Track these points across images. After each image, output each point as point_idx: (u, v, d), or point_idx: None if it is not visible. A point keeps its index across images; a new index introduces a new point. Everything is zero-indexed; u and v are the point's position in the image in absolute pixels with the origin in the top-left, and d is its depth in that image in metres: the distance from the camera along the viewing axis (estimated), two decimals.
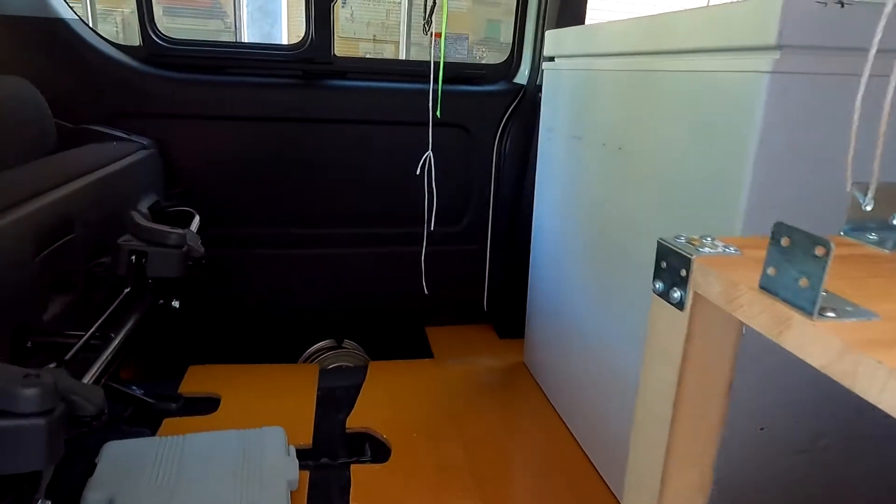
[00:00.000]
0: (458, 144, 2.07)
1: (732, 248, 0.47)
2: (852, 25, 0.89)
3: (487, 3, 8.19)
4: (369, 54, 8.73)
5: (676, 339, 0.47)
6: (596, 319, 1.47)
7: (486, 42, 7.12)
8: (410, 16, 7.24)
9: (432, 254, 2.12)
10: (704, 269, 0.44)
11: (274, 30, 6.89)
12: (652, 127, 1.18)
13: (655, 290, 0.51)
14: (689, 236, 0.49)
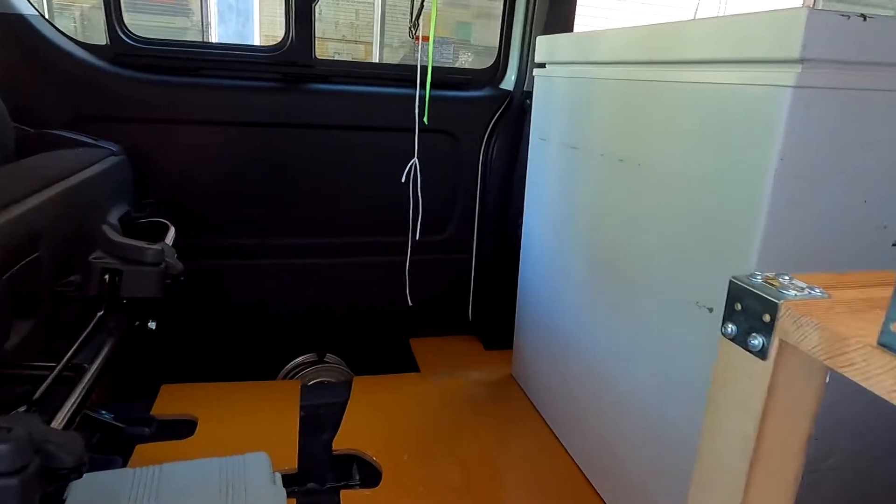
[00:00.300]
0: (444, 151, 2.02)
1: (818, 290, 0.43)
2: (875, 39, 0.87)
3: (457, 4, 8.14)
4: (338, 55, 8.59)
5: (756, 390, 0.42)
6: (594, 333, 1.43)
7: (458, 44, 7.07)
8: (384, 16, 7.14)
9: (416, 263, 2.05)
10: (796, 316, 0.40)
11: (246, 29, 6.67)
12: (658, 139, 1.15)
13: (727, 334, 0.46)
14: (764, 274, 0.45)
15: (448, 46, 2.54)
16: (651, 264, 1.19)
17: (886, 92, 0.90)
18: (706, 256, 1.03)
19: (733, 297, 0.45)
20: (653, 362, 1.20)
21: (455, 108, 2.00)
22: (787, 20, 0.85)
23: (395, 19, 8.85)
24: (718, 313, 1.01)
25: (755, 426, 0.42)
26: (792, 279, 0.45)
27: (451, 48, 3.37)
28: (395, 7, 8.29)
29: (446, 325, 2.23)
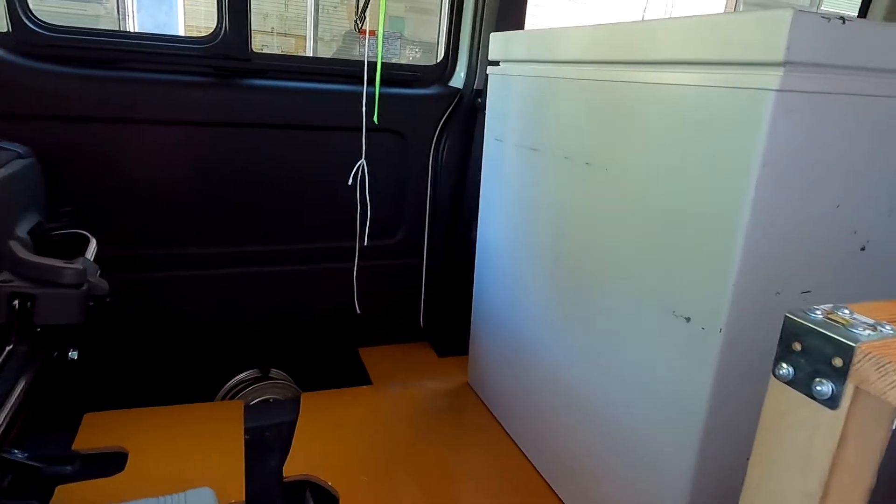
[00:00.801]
0: (392, 151, 1.92)
1: (889, 327, 0.38)
2: (852, 43, 0.85)
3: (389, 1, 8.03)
4: (267, 48, 8.25)
5: (823, 442, 0.37)
6: (557, 340, 1.39)
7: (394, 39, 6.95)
8: (318, 9, 6.91)
9: (365, 269, 1.95)
10: (880, 361, 0.34)
11: (170, 18, 6.23)
12: (628, 142, 1.11)
13: (782, 377, 0.41)
14: (824, 309, 0.40)
15: (395, 41, 2.45)
16: (623, 271, 1.15)
17: (860, 96, 0.90)
18: (683, 263, 1.00)
19: (790, 336, 0.40)
20: (624, 371, 1.16)
21: (403, 106, 1.90)
22: (772, 22, 0.82)
23: (328, 12, 8.59)
24: (697, 322, 0.98)
25: (820, 482, 0.37)
26: (853, 313, 0.40)
27: (397, 43, 3.28)
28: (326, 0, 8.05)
29: (397, 332, 2.14)
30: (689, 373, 1.00)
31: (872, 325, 0.38)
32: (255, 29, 7.13)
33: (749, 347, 0.97)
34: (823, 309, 0.40)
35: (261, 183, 1.80)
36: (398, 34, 2.16)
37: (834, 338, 0.37)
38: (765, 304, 0.96)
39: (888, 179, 0.97)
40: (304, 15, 7.89)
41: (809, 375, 0.39)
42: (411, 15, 8.18)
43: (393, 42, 1.81)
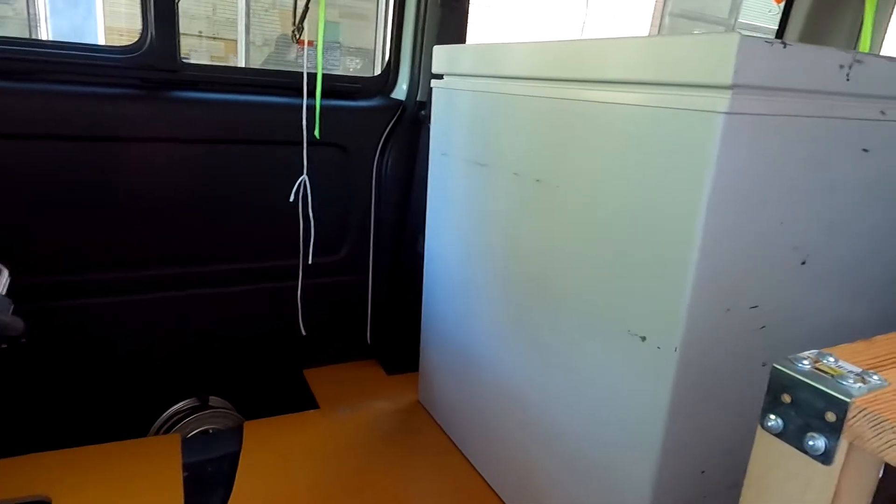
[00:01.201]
0: (334, 165, 1.86)
1: (876, 377, 0.38)
2: (791, 66, 0.88)
3: None
4: (195, 52, 7.92)
5: (815, 497, 0.36)
6: (508, 357, 1.37)
7: (329, 46, 6.80)
8: (249, 13, 6.67)
9: (308, 288, 1.88)
10: (876, 419, 0.33)
11: (87, 23, 5.82)
12: (579, 160, 1.10)
13: (770, 429, 0.39)
14: (810, 357, 0.39)
15: (334, 52, 2.37)
16: (576, 290, 1.14)
17: (799, 117, 0.92)
18: (637, 283, 1.00)
19: (778, 387, 0.39)
20: (579, 390, 1.16)
21: (345, 119, 1.85)
22: (720, 46, 0.83)
23: (259, 16, 8.34)
24: (652, 342, 0.98)
25: None
26: (839, 360, 0.39)
27: (337, 53, 3.18)
28: (257, 2, 7.80)
29: (344, 351, 2.07)
30: (646, 392, 1.01)
31: (860, 375, 0.38)
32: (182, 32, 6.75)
33: (704, 365, 0.98)
34: (809, 357, 0.40)
35: (194, 201, 1.70)
36: (338, 44, 2.09)
37: (826, 392, 0.36)
38: (717, 322, 0.97)
39: (826, 196, 1.01)
40: (234, 18, 7.62)
41: (801, 429, 0.38)
42: (347, 21, 8.05)
43: (332, 53, 1.75)
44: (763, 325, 1.03)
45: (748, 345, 1.03)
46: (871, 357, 0.41)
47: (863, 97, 0.99)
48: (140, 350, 1.74)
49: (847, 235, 1.07)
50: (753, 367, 1.06)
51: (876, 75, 0.97)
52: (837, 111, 0.96)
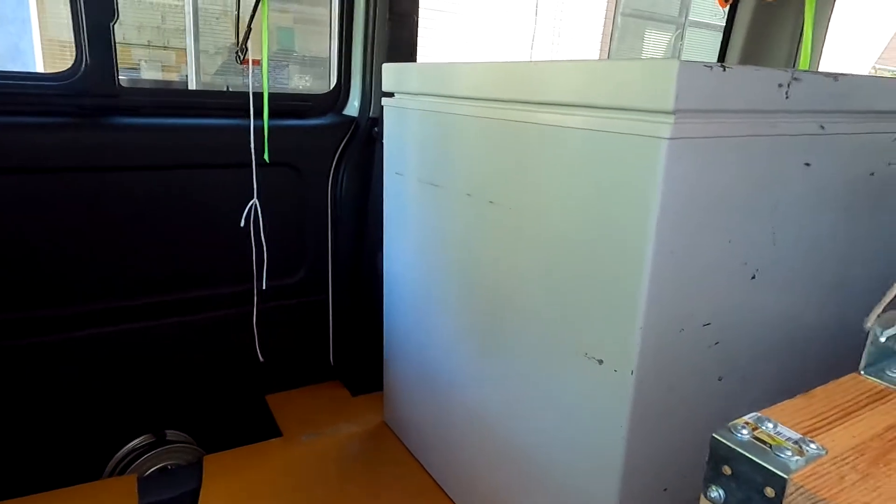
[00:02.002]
0: (287, 186, 1.82)
1: (813, 445, 0.37)
2: (731, 88, 0.88)
3: (274, 8, 7.66)
4: (145, 61, 7.69)
5: None
6: (471, 378, 1.36)
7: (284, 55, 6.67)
8: (197, 21, 6.49)
9: (267, 312, 1.84)
10: (814, 498, 0.33)
11: (22, 42, 5.54)
12: (531, 183, 1.09)
13: (713, 500, 0.39)
14: (749, 423, 0.38)
15: (282, 70, 2.30)
16: (533, 313, 1.13)
17: (741, 138, 0.93)
18: (592, 307, 1.00)
19: (719, 458, 0.38)
20: (540, 411, 1.15)
21: (296, 138, 1.81)
22: (660, 71, 0.83)
23: (209, 23, 8.13)
24: (609, 365, 0.98)
25: None
26: (777, 426, 0.39)
27: (285, 71, 3.09)
28: (207, 10, 7.60)
29: (306, 373, 2.03)
30: (606, 414, 1.00)
31: (798, 445, 0.37)
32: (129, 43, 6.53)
33: (661, 386, 0.98)
34: (748, 424, 0.39)
35: (142, 230, 1.64)
36: (293, 53, 2.02)
37: (763, 466, 0.36)
38: (671, 342, 0.97)
39: (772, 211, 1.02)
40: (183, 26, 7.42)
41: (742, 502, 0.37)
42: (301, 27, 7.89)
43: (280, 71, 1.71)
44: (717, 342, 1.04)
45: (703, 361, 1.04)
46: (811, 417, 0.40)
47: (802, 113, 1.00)
48: (91, 387, 1.67)
49: (793, 247, 1.08)
50: (710, 382, 1.07)
51: (813, 92, 0.99)
52: (779, 129, 0.98)
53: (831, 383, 0.45)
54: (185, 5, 6.59)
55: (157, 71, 7.14)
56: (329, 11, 1.92)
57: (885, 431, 0.38)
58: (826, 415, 0.41)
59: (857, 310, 1.14)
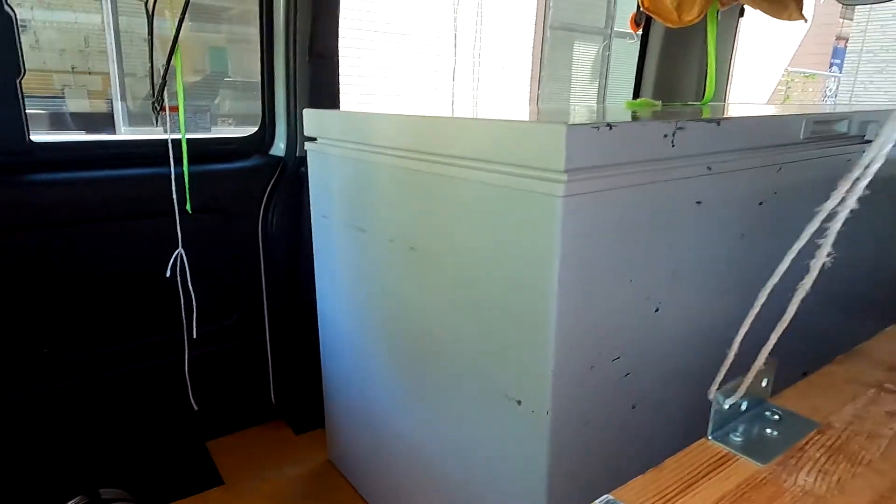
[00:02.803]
0: (216, 231, 1.80)
1: None
2: (618, 144, 0.95)
3: (207, 29, 7.49)
4: (69, 88, 7.39)
5: None
6: (406, 418, 1.39)
7: (216, 78, 6.53)
8: (119, 44, 6.28)
9: (203, 358, 1.82)
10: None
11: None
12: (446, 231, 1.14)
13: None
14: None
15: (203, 115, 2.24)
16: (456, 355, 1.18)
17: (630, 187, 1.00)
18: (507, 349, 1.05)
19: None
20: (469, 451, 1.19)
21: (221, 182, 1.80)
22: (551, 135, 0.88)
23: (136, 45, 7.87)
24: (527, 405, 1.03)
25: None
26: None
27: (206, 116, 3.01)
28: (131, 33, 7.37)
29: (248, 415, 2.01)
30: (527, 452, 1.05)
31: None
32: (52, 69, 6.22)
33: (576, 422, 1.04)
34: None
35: (65, 287, 1.59)
36: (206, 107, 1.96)
37: None
38: (583, 379, 1.03)
39: (668, 249, 1.09)
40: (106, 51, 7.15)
41: None
42: (234, 46, 7.71)
43: (202, 116, 1.68)
44: (627, 373, 1.11)
45: (616, 393, 1.10)
46: (656, 494, 0.45)
47: (689, 157, 1.08)
48: (18, 450, 1.61)
49: (693, 279, 1.17)
50: (624, 411, 1.14)
51: (697, 137, 1.07)
52: (669, 174, 1.05)
53: (681, 452, 0.50)
54: (106, 26, 6.37)
55: (83, 98, 6.88)
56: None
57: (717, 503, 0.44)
58: (671, 489, 0.46)
59: (759, 331, 1.23)
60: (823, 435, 0.53)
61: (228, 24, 7.33)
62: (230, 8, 6.78)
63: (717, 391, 0.53)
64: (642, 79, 2.57)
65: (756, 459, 0.50)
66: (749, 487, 0.45)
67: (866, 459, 0.50)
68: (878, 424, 0.55)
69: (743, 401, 0.56)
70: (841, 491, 0.46)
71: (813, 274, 0.46)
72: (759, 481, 0.46)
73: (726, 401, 0.53)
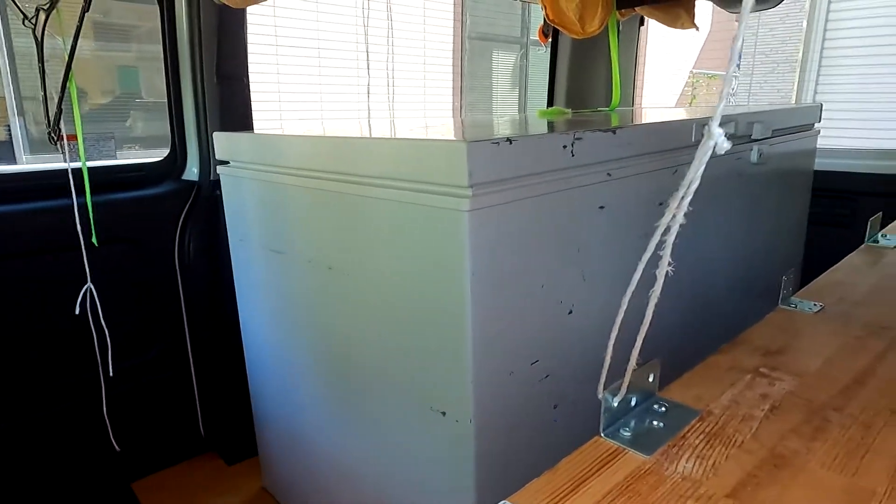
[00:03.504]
0: (129, 262, 1.73)
1: None
2: (523, 157, 0.99)
3: (114, 49, 7.14)
4: None
5: None
6: (336, 435, 1.38)
7: (127, 99, 6.24)
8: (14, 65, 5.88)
9: (122, 395, 1.73)
10: None
11: None
12: (362, 250, 1.15)
13: None
14: None
15: (107, 142, 2.12)
16: (381, 371, 1.18)
17: (535, 197, 1.04)
18: (428, 362, 1.07)
19: None
20: (399, 465, 1.20)
21: (132, 211, 1.73)
22: (453, 152, 0.91)
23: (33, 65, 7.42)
24: (452, 416, 1.05)
25: None
26: None
27: (111, 143, 2.84)
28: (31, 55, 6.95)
29: (177, 450, 1.93)
30: (456, 464, 1.07)
31: None
32: None
33: (500, 428, 1.07)
34: None
35: None
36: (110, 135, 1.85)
37: None
38: (503, 385, 1.06)
39: (576, 254, 1.15)
40: None
41: None
42: (148, 65, 7.37)
43: (106, 143, 1.58)
44: (547, 375, 1.15)
45: (538, 395, 1.14)
46: (550, 495, 0.48)
47: (589, 165, 1.14)
48: None
49: (602, 280, 1.22)
50: (546, 411, 1.18)
51: (595, 146, 1.13)
52: (571, 182, 1.10)
53: (575, 451, 0.53)
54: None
55: None
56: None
57: (603, 498, 0.47)
58: (563, 488, 0.49)
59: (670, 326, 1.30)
60: (704, 422, 0.58)
61: (138, 43, 7.04)
62: (138, 26, 6.51)
63: (604, 391, 0.57)
64: (555, 87, 2.67)
65: (642, 452, 0.54)
66: (634, 479, 0.49)
67: (739, 441, 0.54)
68: (751, 407, 0.60)
69: (632, 396, 0.60)
70: (715, 473, 0.50)
71: (660, 282, 0.50)
72: (643, 472, 0.50)
73: (614, 399, 0.57)
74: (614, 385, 0.57)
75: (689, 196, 0.42)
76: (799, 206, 2.06)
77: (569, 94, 2.64)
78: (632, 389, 0.58)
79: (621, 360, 0.78)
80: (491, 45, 7.63)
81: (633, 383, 0.58)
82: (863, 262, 1.10)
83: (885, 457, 0.51)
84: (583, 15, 2.12)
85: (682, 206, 0.42)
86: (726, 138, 0.38)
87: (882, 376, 0.66)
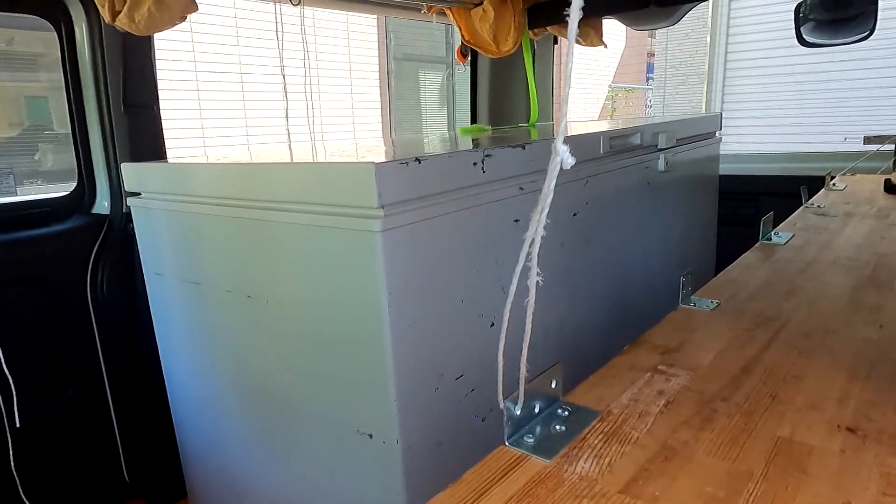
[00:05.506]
0: (35, 303, 1.63)
1: None
2: (433, 175, 1.01)
3: (21, 79, 6.76)
4: None
5: None
6: (265, 467, 1.34)
7: (36, 131, 5.91)
8: None
9: (33, 446, 1.62)
10: None
11: None
12: (279, 276, 1.13)
13: None
14: None
15: (6, 177, 1.96)
16: (305, 398, 1.16)
17: (449, 214, 1.06)
18: (351, 385, 1.06)
19: None
20: (333, 497, 1.18)
21: (36, 249, 1.63)
22: (360, 174, 0.92)
23: None
24: (378, 438, 1.05)
25: None
26: None
27: (10, 179, 2.64)
28: None
29: (99, 500, 1.82)
30: (386, 485, 1.06)
31: None
32: None
33: (428, 445, 1.07)
34: None
35: None
36: (8, 170, 1.71)
37: None
38: (428, 402, 1.07)
39: (493, 266, 1.17)
40: None
41: None
42: (58, 94, 7.03)
43: (4, 179, 1.47)
44: (472, 388, 1.16)
45: (464, 409, 1.15)
46: (454, 495, 0.49)
47: (501, 180, 1.17)
48: None
49: (518, 293, 1.25)
50: (474, 425, 1.19)
51: (505, 162, 1.16)
52: (484, 198, 1.13)
53: (480, 462, 0.54)
54: None
55: None
56: None
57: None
58: (467, 499, 0.50)
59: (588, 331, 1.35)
60: (604, 422, 0.61)
61: (47, 72, 6.71)
62: (45, 54, 6.20)
63: (505, 400, 0.58)
64: (477, 105, 2.74)
65: (544, 457, 0.55)
66: (534, 484, 0.51)
67: (634, 438, 0.57)
68: (648, 404, 0.64)
69: (535, 403, 0.62)
70: (610, 471, 0.52)
71: (532, 291, 0.52)
72: (543, 476, 0.52)
73: (516, 407, 0.58)
74: (514, 394, 0.59)
75: (546, 209, 0.44)
76: (707, 209, 2.19)
77: (491, 111, 2.71)
78: (534, 396, 0.60)
79: (541, 366, 0.81)
80: (417, 66, 7.74)
81: (536, 390, 0.60)
82: (756, 259, 1.18)
83: (763, 440, 0.55)
84: (496, 35, 2.19)
85: (542, 219, 0.45)
86: (570, 154, 0.41)
87: (766, 364, 0.71)
